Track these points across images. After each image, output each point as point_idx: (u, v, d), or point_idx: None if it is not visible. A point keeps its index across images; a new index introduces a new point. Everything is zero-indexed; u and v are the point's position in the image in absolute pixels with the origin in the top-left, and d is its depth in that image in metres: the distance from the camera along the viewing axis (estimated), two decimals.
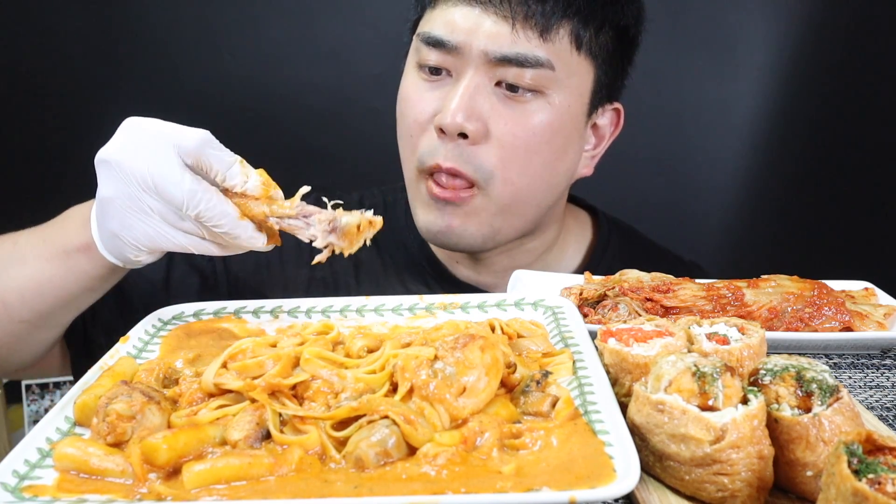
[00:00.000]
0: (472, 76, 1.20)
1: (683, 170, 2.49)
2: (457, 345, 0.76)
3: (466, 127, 1.18)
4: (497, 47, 1.18)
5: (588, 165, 1.38)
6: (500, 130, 1.21)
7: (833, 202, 2.48)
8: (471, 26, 1.19)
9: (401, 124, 1.30)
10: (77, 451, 0.67)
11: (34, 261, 1.05)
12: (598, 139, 1.38)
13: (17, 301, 1.06)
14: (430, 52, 1.23)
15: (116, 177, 0.88)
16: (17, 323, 1.07)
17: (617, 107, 1.37)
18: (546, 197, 1.31)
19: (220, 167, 0.89)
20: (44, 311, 1.06)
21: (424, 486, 0.63)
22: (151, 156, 0.87)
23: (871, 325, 1.03)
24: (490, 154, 1.21)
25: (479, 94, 1.20)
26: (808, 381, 0.68)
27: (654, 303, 1.06)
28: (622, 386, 0.79)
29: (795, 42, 2.37)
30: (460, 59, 1.21)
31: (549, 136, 1.24)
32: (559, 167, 1.29)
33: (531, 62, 1.18)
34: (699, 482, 0.65)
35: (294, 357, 0.79)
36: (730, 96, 2.43)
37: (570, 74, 1.23)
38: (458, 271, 1.42)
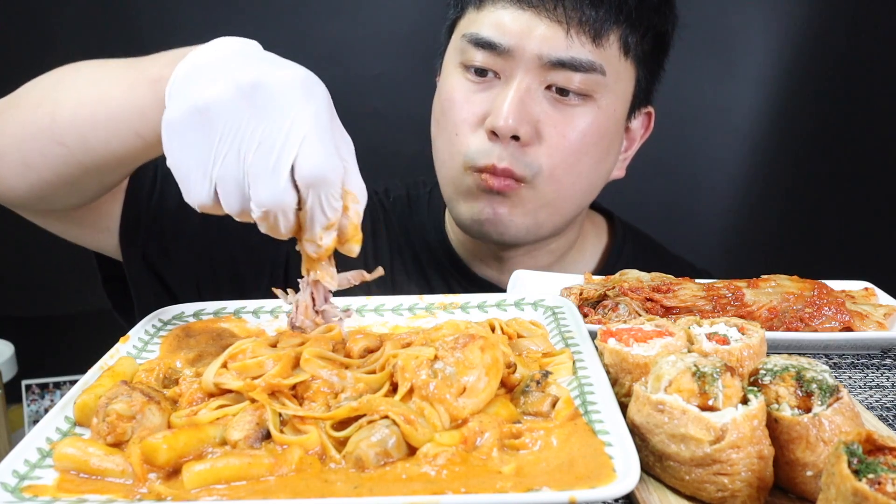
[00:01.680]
0: (523, 79, 1.21)
1: (683, 170, 2.49)
2: (457, 345, 0.76)
3: (519, 130, 1.19)
4: (551, 51, 1.19)
5: (620, 167, 1.41)
6: (549, 133, 1.23)
7: (833, 202, 2.48)
8: (522, 29, 1.20)
9: (443, 123, 1.30)
10: (77, 451, 0.67)
11: (102, 78, 0.99)
12: (629, 141, 1.40)
13: (67, 119, 0.97)
14: (476, 52, 1.24)
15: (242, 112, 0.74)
16: (60, 146, 0.99)
17: (649, 110, 1.40)
18: (586, 196, 1.34)
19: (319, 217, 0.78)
20: (90, 143, 0.97)
21: (424, 486, 0.63)
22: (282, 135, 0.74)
23: (871, 325, 1.03)
24: (540, 154, 1.23)
25: (529, 97, 1.21)
26: (808, 381, 0.68)
27: (654, 303, 1.06)
28: (622, 386, 0.79)
29: (795, 43, 2.37)
30: (510, 62, 1.21)
31: (597, 139, 1.26)
32: (602, 168, 1.32)
33: (585, 66, 1.20)
34: (699, 482, 0.65)
35: (294, 357, 0.79)
36: (730, 97, 2.43)
37: (618, 80, 1.25)
38: (480, 270, 1.43)
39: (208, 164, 0.76)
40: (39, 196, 1.07)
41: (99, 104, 0.96)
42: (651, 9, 1.26)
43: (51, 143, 0.99)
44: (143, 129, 0.93)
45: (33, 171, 1.03)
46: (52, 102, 1.00)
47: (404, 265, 1.44)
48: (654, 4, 1.27)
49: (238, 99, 0.75)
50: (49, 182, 1.03)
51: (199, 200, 0.78)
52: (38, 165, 1.02)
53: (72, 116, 0.98)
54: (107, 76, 0.99)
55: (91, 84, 0.99)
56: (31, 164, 1.02)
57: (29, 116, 1.01)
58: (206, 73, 0.78)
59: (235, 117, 0.75)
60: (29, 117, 1.01)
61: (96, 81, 0.99)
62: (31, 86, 1.08)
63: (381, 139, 2.28)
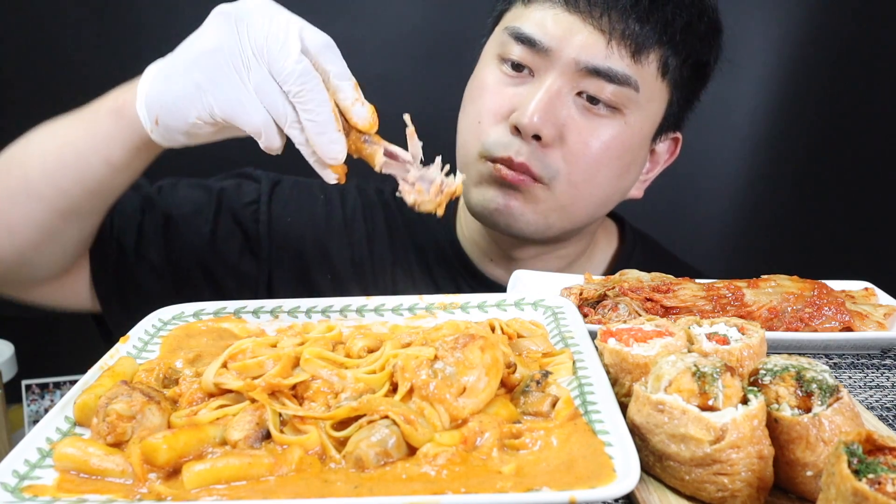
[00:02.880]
0: (555, 80, 1.21)
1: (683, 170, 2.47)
2: (457, 345, 0.76)
3: (542, 130, 1.19)
4: (589, 58, 1.19)
5: (639, 188, 1.41)
6: (573, 139, 1.22)
7: (833, 202, 2.48)
8: (564, 32, 1.20)
9: (469, 110, 1.31)
10: (77, 451, 0.67)
11: (60, 129, 1.06)
12: (652, 164, 1.41)
13: (38, 172, 1.05)
14: (516, 47, 1.24)
15: (231, 30, 0.88)
16: (38, 201, 1.05)
17: (677, 136, 1.40)
18: (600, 208, 1.34)
19: (337, 73, 0.87)
20: (64, 186, 1.04)
21: (424, 486, 0.63)
22: (275, 25, 0.86)
23: (871, 325, 1.03)
24: (559, 158, 1.23)
25: (558, 100, 1.21)
26: (808, 381, 0.68)
27: (654, 303, 1.06)
28: (622, 386, 0.79)
29: (795, 42, 2.37)
30: (546, 61, 1.22)
31: (620, 153, 1.26)
32: (619, 184, 1.32)
33: (620, 79, 1.20)
34: (699, 482, 0.65)
35: (294, 357, 0.79)
36: (730, 97, 2.43)
37: (651, 99, 1.25)
38: (490, 270, 1.43)
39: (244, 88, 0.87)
40: (25, 260, 1.12)
41: (64, 147, 1.03)
42: (697, 36, 1.26)
43: (29, 200, 1.05)
44: (111, 154, 1.01)
45: (17, 234, 1.08)
46: (20, 165, 1.07)
47: (409, 265, 1.44)
48: (700, 32, 1.26)
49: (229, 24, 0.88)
50: (33, 241, 1.09)
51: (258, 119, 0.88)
52: (21, 227, 1.07)
53: (41, 168, 1.04)
54: (65, 124, 1.07)
55: (53, 136, 1.07)
56: (15, 227, 1.08)
57: (2, 185, 1.07)
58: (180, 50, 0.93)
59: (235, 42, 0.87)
60: (2, 185, 1.07)
61: (56, 132, 1.07)
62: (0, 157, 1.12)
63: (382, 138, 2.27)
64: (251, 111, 0.88)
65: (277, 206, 1.40)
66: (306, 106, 0.86)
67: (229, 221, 1.37)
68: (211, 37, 0.90)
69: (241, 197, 1.40)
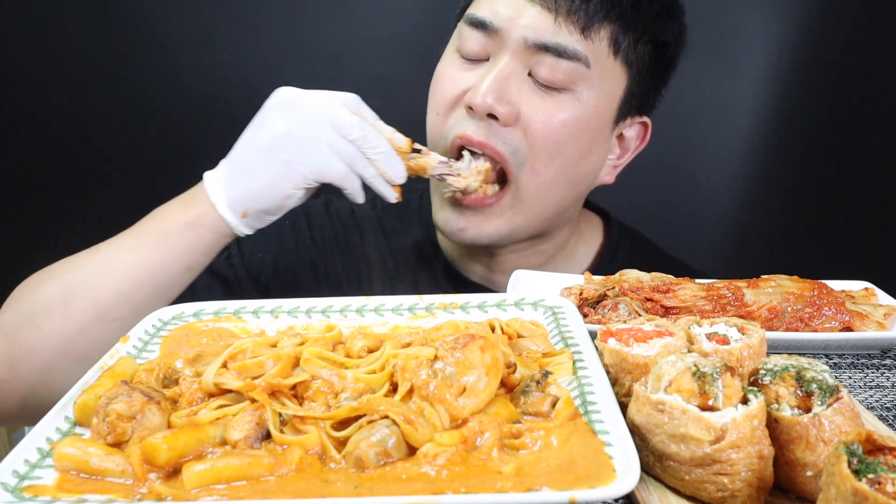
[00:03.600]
0: (508, 61, 1.22)
1: (683, 170, 2.49)
2: (457, 345, 0.76)
3: (496, 108, 1.20)
4: (537, 35, 1.20)
5: (610, 174, 1.40)
6: (530, 118, 1.23)
7: (833, 202, 2.48)
8: (513, 12, 1.22)
9: (431, 105, 1.32)
10: (77, 451, 0.67)
11: (120, 254, 1.12)
12: (622, 150, 1.40)
13: (110, 297, 1.10)
14: (471, 33, 1.25)
15: (290, 113, 1.10)
16: (111, 322, 1.10)
17: (645, 121, 1.39)
18: (566, 195, 1.33)
19: (372, 117, 1.14)
20: (142, 302, 1.10)
21: (424, 486, 0.63)
22: (319, 99, 1.11)
23: (871, 325, 1.03)
24: (521, 137, 1.23)
25: (511, 80, 1.22)
26: (808, 381, 0.68)
27: (654, 303, 1.06)
28: (622, 386, 0.79)
29: (795, 42, 2.37)
30: (498, 43, 1.23)
31: (576, 132, 1.25)
32: (582, 166, 1.31)
33: (569, 54, 1.20)
34: (699, 482, 0.65)
35: (294, 357, 0.79)
36: (730, 96, 2.43)
37: (603, 77, 1.25)
38: (471, 270, 1.44)
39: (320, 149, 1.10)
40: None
41: (138, 269, 1.11)
42: (648, 14, 1.26)
43: (102, 324, 1.10)
44: (192, 261, 1.14)
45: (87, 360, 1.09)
46: (83, 297, 1.10)
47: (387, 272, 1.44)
48: (652, 11, 1.26)
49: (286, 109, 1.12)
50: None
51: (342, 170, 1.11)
52: (92, 351, 1.08)
53: (114, 293, 1.10)
54: (125, 249, 1.14)
55: (116, 261, 1.12)
56: (85, 354, 1.08)
57: (61, 324, 1.10)
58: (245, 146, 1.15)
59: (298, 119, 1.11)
60: (62, 324, 1.10)
61: (118, 257, 1.13)
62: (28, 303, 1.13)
63: None
64: (334, 165, 1.09)
65: (247, 244, 1.41)
66: (370, 144, 1.10)
67: (206, 277, 1.35)
68: (278, 123, 1.10)
69: None
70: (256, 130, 1.12)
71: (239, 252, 1.41)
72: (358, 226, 1.48)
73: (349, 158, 1.10)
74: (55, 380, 1.11)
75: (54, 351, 1.10)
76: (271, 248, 1.44)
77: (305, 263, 1.45)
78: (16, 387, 1.11)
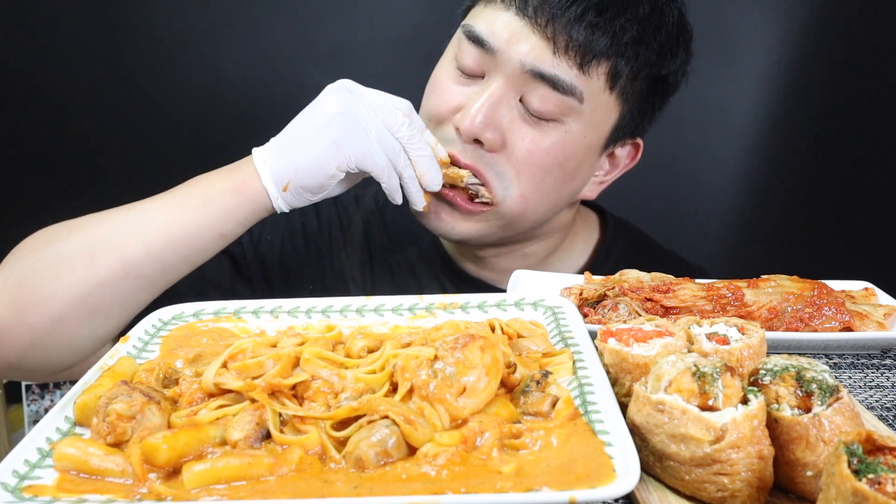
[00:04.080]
0: (500, 85, 1.21)
1: (683, 170, 2.49)
2: (457, 345, 0.76)
3: (483, 135, 1.20)
4: (535, 63, 1.18)
5: (593, 190, 1.39)
6: (516, 145, 1.22)
7: (833, 202, 2.48)
8: (513, 36, 1.19)
9: (423, 108, 1.32)
10: (77, 451, 0.67)
11: (156, 213, 1.12)
12: (611, 167, 1.39)
13: (141, 255, 1.10)
14: (469, 46, 1.24)
15: (349, 99, 1.12)
16: (135, 279, 1.11)
17: (637, 142, 1.37)
18: (545, 215, 1.33)
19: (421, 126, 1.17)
20: (170, 263, 1.12)
21: (424, 486, 0.63)
22: (377, 94, 1.15)
23: (871, 325, 1.03)
24: (507, 165, 1.23)
25: (501, 105, 1.21)
26: (808, 381, 0.68)
27: (654, 303, 1.06)
28: (622, 386, 0.79)
29: (795, 42, 2.37)
30: (494, 64, 1.21)
31: (561, 161, 1.25)
32: (565, 190, 1.31)
33: (564, 87, 1.19)
34: (699, 482, 0.65)
35: (294, 357, 0.79)
36: (730, 96, 2.43)
37: (595, 110, 1.23)
38: (464, 267, 1.45)
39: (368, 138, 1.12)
40: (102, 335, 1.16)
41: (172, 228, 1.11)
42: (650, 49, 1.23)
43: (126, 280, 1.10)
44: (226, 228, 1.15)
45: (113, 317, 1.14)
46: (113, 250, 1.10)
47: (389, 267, 1.45)
48: (655, 46, 1.23)
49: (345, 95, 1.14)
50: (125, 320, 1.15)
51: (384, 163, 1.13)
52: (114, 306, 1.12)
53: (144, 249, 1.10)
54: (162, 208, 1.14)
55: (149, 220, 1.12)
56: (105, 308, 1.12)
57: (84, 273, 1.09)
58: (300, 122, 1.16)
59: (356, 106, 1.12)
60: (86, 273, 1.09)
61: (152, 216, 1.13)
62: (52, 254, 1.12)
63: None
64: (377, 157, 1.11)
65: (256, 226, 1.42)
66: (415, 145, 1.14)
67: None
68: (334, 104, 1.11)
69: None
70: (311, 109, 1.14)
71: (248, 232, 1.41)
72: (363, 219, 1.49)
73: (392, 154, 1.12)
74: (64, 331, 1.11)
75: (71, 301, 1.09)
76: (279, 231, 1.44)
77: (312, 251, 1.45)
78: (22, 334, 1.10)
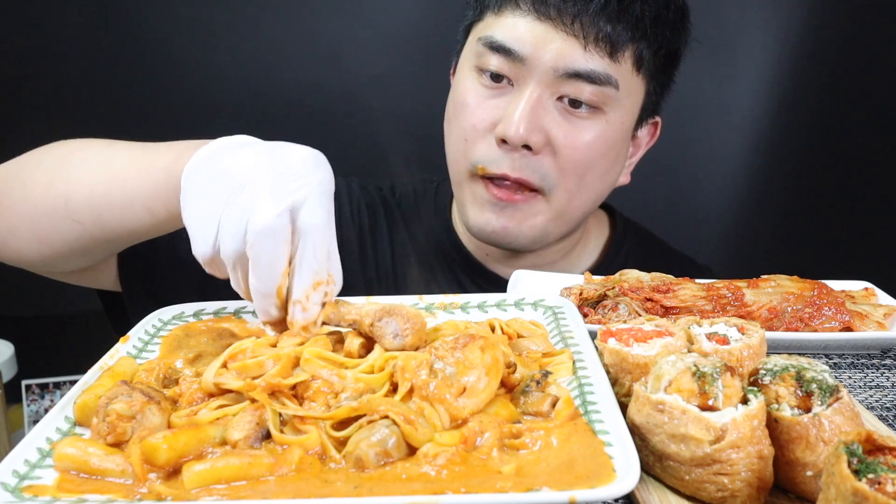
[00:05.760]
0: (535, 88, 1.22)
1: (683, 169, 2.49)
2: (457, 345, 0.76)
3: (530, 139, 1.21)
4: (568, 63, 1.20)
5: (626, 174, 1.42)
6: (560, 143, 1.24)
7: (833, 202, 2.48)
8: (538, 40, 1.20)
9: (454, 126, 1.31)
10: (77, 451, 0.67)
11: (115, 161, 1.04)
12: (635, 149, 1.42)
13: (82, 199, 1.03)
14: (492, 56, 1.24)
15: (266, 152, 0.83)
16: (75, 223, 1.06)
17: (656, 120, 1.41)
18: (594, 205, 1.37)
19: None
20: (105, 219, 1.03)
21: (424, 486, 0.63)
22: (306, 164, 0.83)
23: (871, 325, 1.03)
24: (552, 164, 1.25)
25: (540, 107, 1.22)
26: (808, 381, 0.68)
27: (654, 303, 1.06)
28: (622, 386, 0.79)
29: (795, 42, 2.37)
30: (524, 70, 1.22)
31: (605, 151, 1.27)
32: (608, 178, 1.34)
33: (601, 79, 1.21)
34: (699, 482, 0.65)
35: (294, 357, 0.79)
36: (730, 96, 2.43)
37: (629, 94, 1.26)
38: (490, 265, 1.45)
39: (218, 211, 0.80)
40: (51, 263, 1.14)
41: (114, 184, 1.03)
42: (667, 26, 1.27)
43: (66, 220, 1.06)
44: (155, 206, 1.00)
45: (46, 244, 1.10)
46: (63, 182, 1.06)
47: (407, 258, 1.45)
48: (669, 22, 1.27)
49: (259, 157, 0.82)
50: (61, 253, 1.10)
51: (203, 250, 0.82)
52: (52, 240, 1.09)
53: (88, 196, 1.04)
54: (118, 159, 1.06)
55: (103, 166, 1.05)
56: (45, 238, 1.09)
57: (40, 196, 1.07)
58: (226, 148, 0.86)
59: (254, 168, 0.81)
60: (40, 197, 1.07)
61: (107, 163, 1.05)
62: (33, 162, 1.12)
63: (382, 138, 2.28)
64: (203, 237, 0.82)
65: None
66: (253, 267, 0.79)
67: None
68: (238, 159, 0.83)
69: None
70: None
71: None
72: (386, 211, 1.48)
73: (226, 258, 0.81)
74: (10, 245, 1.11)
75: (22, 216, 1.08)
76: None
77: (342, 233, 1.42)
78: None
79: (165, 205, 0.98)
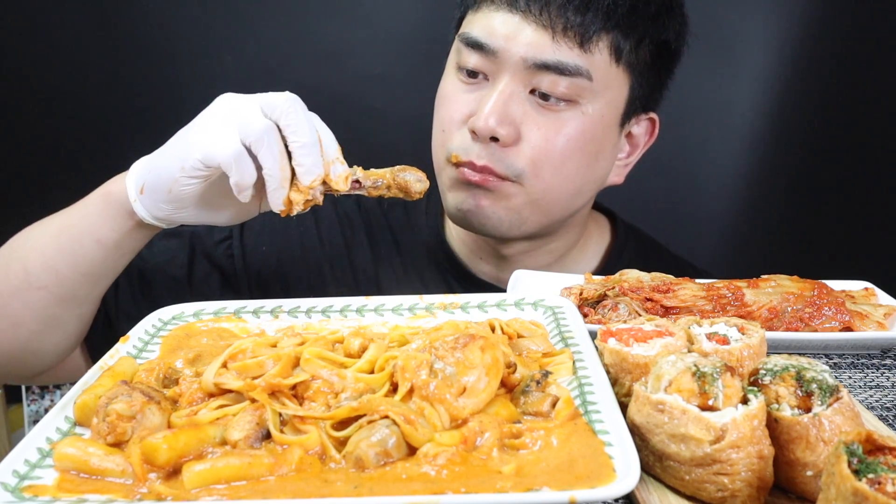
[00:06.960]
0: (508, 82, 1.22)
1: (683, 170, 2.49)
2: (457, 345, 0.76)
3: (498, 131, 1.21)
4: (536, 54, 1.19)
5: (619, 174, 1.40)
6: (532, 136, 1.23)
7: (833, 202, 2.48)
8: (510, 32, 1.21)
9: (436, 119, 1.34)
10: (77, 451, 0.67)
11: (56, 218, 1.12)
12: (632, 147, 1.40)
13: (38, 263, 1.10)
14: (469, 54, 1.25)
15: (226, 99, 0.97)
16: (38, 290, 1.10)
17: (652, 117, 1.38)
18: (574, 200, 1.33)
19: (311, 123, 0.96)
20: (62, 272, 1.09)
21: (424, 486, 0.63)
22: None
23: (871, 325, 1.03)
24: (521, 157, 1.24)
25: (512, 100, 1.22)
26: (808, 381, 0.68)
27: (654, 303, 1.06)
28: (622, 386, 0.79)
29: (795, 42, 2.37)
30: (497, 64, 1.23)
31: (582, 144, 1.26)
32: (590, 174, 1.32)
33: (570, 70, 1.20)
34: (699, 482, 0.65)
35: (294, 357, 0.79)
36: (729, 96, 2.43)
37: (607, 86, 1.25)
38: (480, 269, 1.44)
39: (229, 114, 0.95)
40: (30, 351, 1.17)
41: (60, 233, 1.10)
42: (646, 17, 1.25)
43: (29, 291, 1.11)
44: (101, 234, 1.08)
45: (22, 326, 1.14)
46: (18, 260, 1.12)
47: (393, 268, 1.45)
48: (650, 13, 1.25)
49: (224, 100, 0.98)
50: (36, 331, 1.14)
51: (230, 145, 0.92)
52: (26, 318, 1.13)
53: (41, 256, 1.10)
54: (58, 218, 1.13)
55: (49, 225, 1.13)
56: (19, 319, 1.13)
57: (2, 282, 1.12)
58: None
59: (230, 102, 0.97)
60: (2, 283, 1.12)
61: (53, 222, 1.13)
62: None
63: (381, 138, 2.28)
64: (221, 147, 0.92)
65: (250, 237, 1.41)
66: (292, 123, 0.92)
67: (204, 263, 1.38)
68: (207, 110, 0.99)
69: (213, 236, 1.41)
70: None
71: (241, 244, 1.41)
72: (366, 223, 1.48)
73: (254, 136, 0.91)
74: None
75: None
76: (276, 243, 1.44)
77: (311, 261, 1.44)
78: None
79: (111, 227, 1.07)
